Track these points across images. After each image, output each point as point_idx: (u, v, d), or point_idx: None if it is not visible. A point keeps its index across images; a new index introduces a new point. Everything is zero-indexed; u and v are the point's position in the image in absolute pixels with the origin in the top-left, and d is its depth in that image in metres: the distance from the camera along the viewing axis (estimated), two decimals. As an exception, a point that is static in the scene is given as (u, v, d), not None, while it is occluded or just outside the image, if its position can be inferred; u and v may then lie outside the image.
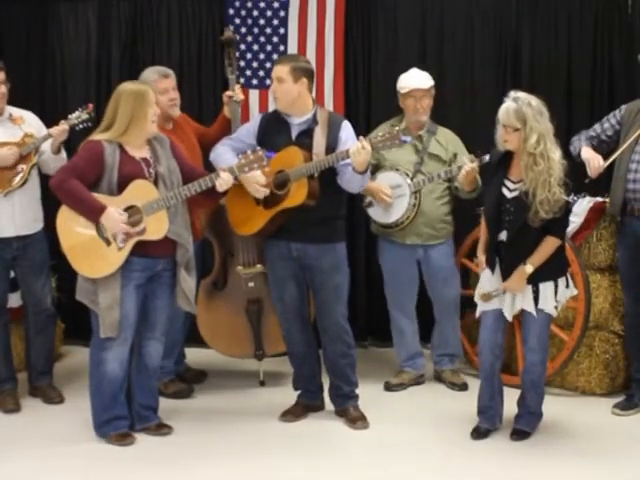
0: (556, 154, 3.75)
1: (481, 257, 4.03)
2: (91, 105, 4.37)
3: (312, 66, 4.22)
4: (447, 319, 4.76)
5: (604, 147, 4.37)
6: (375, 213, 4.68)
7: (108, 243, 3.84)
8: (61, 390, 4.62)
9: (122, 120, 3.85)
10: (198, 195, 3.92)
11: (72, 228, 3.88)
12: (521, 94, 3.78)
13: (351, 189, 4.10)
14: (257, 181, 3.99)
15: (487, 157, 4.23)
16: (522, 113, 3.71)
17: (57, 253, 4.06)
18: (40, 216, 4.49)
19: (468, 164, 4.28)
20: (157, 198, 3.84)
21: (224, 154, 4.13)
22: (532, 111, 3.72)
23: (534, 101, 3.76)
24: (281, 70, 4.04)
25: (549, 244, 3.81)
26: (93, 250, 3.85)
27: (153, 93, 3.92)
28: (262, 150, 3.89)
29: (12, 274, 4.52)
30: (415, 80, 4.63)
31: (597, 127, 4.41)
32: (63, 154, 4.41)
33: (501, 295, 3.91)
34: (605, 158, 4.22)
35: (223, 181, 3.88)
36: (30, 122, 4.47)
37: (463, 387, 4.68)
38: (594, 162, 4.19)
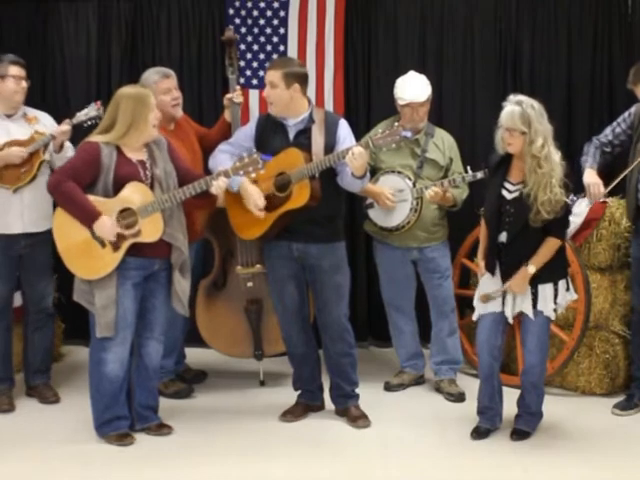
0: (556, 156, 3.76)
1: (481, 262, 4.03)
2: (99, 102, 4.37)
3: (306, 69, 4.20)
4: (443, 320, 4.73)
5: (617, 150, 4.41)
6: (376, 215, 4.65)
7: (103, 245, 3.84)
8: (61, 390, 4.62)
9: (122, 123, 3.84)
10: (193, 198, 3.92)
11: (67, 230, 3.88)
12: (522, 97, 3.78)
13: (351, 190, 4.13)
14: (257, 204, 4.01)
15: (479, 174, 4.30)
16: (527, 116, 3.71)
17: (56, 253, 4.05)
18: (50, 214, 4.41)
19: (430, 189, 4.40)
20: (152, 201, 3.84)
21: (222, 162, 4.10)
22: (535, 113, 3.72)
23: (536, 104, 3.76)
24: (273, 75, 4.02)
25: (550, 245, 3.81)
26: (88, 251, 3.85)
27: (154, 97, 3.93)
28: (257, 153, 3.89)
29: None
30: (413, 93, 4.51)
31: (609, 132, 4.42)
32: (68, 152, 4.39)
33: (500, 296, 3.90)
34: (608, 181, 4.29)
35: (218, 185, 3.90)
36: (44, 122, 4.47)
37: (459, 398, 4.57)
38: (594, 189, 4.26)
